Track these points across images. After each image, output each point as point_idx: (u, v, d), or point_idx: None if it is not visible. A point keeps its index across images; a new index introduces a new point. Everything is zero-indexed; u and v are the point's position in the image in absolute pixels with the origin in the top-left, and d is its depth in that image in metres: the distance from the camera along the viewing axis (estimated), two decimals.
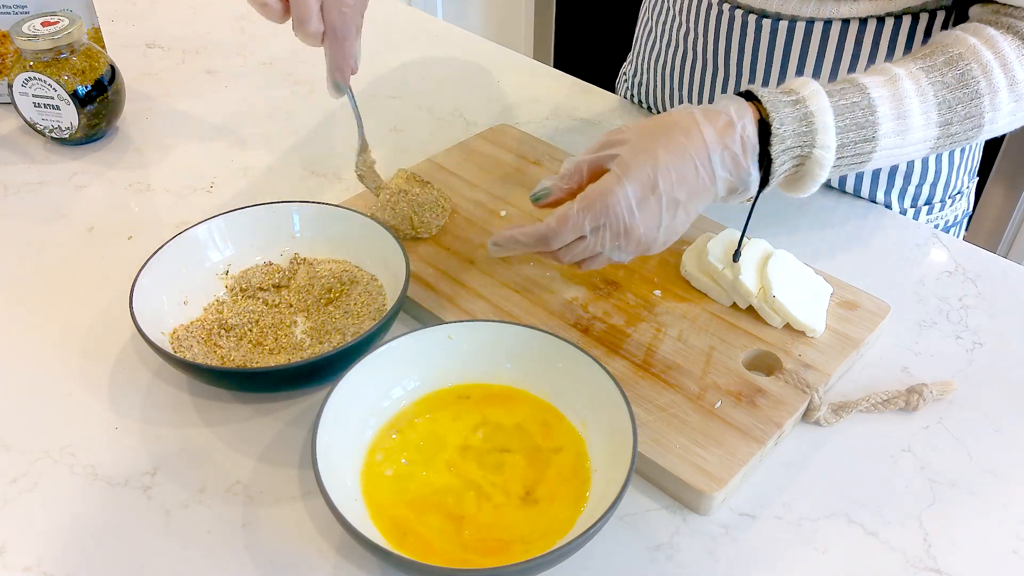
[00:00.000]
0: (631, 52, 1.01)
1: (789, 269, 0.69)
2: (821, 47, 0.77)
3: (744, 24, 0.79)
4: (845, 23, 0.75)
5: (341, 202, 0.78)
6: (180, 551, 0.54)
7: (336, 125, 0.96)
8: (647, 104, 0.98)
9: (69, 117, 0.87)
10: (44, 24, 0.85)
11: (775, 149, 0.58)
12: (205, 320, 0.66)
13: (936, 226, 0.89)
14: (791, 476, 0.59)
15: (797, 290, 0.67)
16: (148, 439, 0.60)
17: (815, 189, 0.62)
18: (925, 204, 0.87)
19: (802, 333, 0.66)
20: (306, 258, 0.72)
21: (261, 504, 0.56)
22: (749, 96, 0.60)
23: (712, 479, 0.55)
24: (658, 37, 0.92)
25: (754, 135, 0.58)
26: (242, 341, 0.65)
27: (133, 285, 0.63)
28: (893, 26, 0.75)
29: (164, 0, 1.23)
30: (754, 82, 0.83)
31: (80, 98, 0.86)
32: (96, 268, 0.75)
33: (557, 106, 1.00)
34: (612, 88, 1.05)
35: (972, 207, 0.94)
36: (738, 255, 0.67)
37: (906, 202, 0.86)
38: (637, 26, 0.98)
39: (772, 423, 0.59)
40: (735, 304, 0.68)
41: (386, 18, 1.20)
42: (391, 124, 0.96)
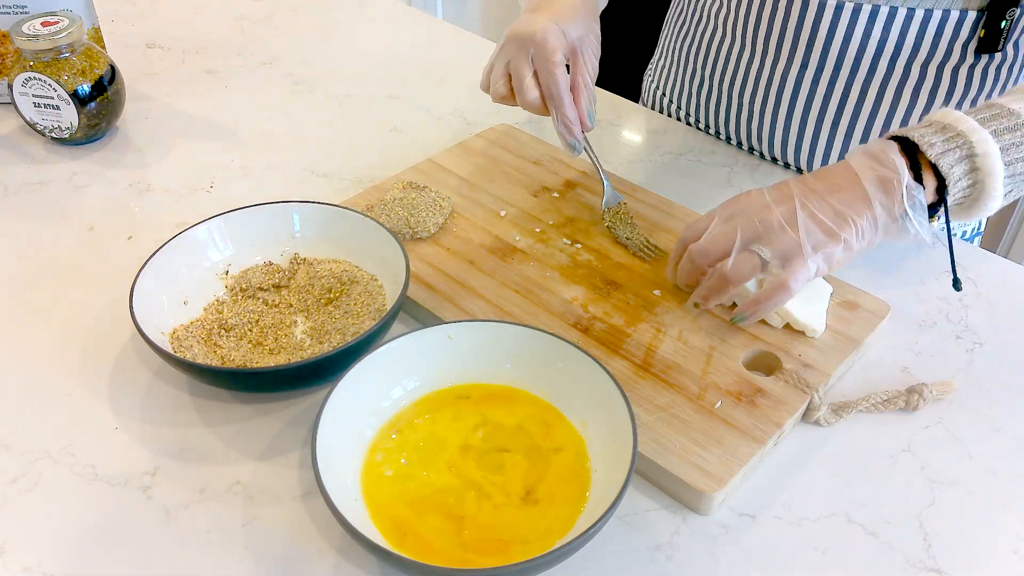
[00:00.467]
0: (659, 42, 1.01)
1: None
2: (849, 33, 0.78)
3: (789, 4, 0.80)
4: (889, 11, 0.76)
5: (341, 202, 0.78)
6: (180, 551, 0.54)
7: (336, 125, 0.96)
8: (669, 96, 0.98)
9: (69, 117, 0.87)
10: (44, 24, 0.85)
11: (932, 152, 0.60)
12: (205, 320, 0.66)
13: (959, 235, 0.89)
14: (791, 476, 0.59)
15: None
16: (148, 439, 0.60)
17: (994, 207, 0.62)
18: None
19: (802, 333, 0.66)
20: (306, 258, 0.72)
21: (261, 504, 0.56)
22: (905, 143, 0.61)
23: (712, 479, 0.55)
24: (689, 16, 0.93)
25: (920, 194, 0.60)
26: (242, 341, 0.65)
27: (133, 285, 0.63)
28: (923, 19, 0.75)
29: (164, 0, 1.23)
30: (778, 63, 0.83)
31: (80, 98, 0.86)
32: (96, 268, 0.75)
33: None
34: (612, 88, 1.05)
35: None
36: (958, 283, 0.66)
37: None
38: (668, 12, 0.99)
39: (772, 423, 0.59)
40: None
41: (386, 18, 1.20)
42: (391, 124, 0.96)
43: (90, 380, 0.65)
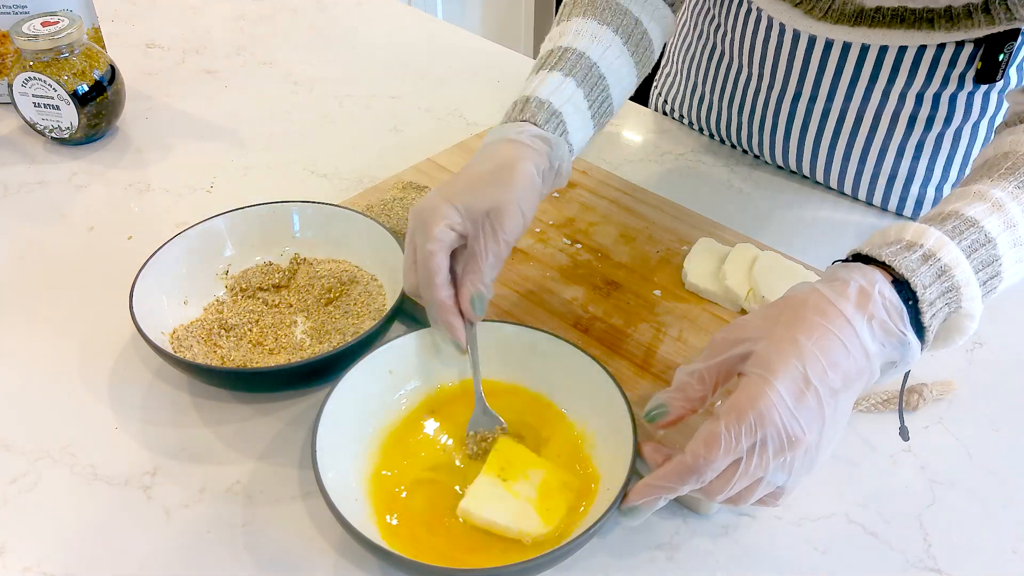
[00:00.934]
0: (663, 57, 1.01)
1: (778, 269, 0.69)
2: (841, 66, 0.77)
3: (770, 28, 0.79)
4: (881, 47, 0.74)
5: (341, 202, 0.78)
6: (180, 551, 0.54)
7: (336, 125, 0.96)
8: (671, 105, 0.98)
9: (69, 117, 0.87)
10: (44, 24, 0.85)
11: (926, 316, 0.50)
12: (205, 320, 0.66)
13: None
14: None
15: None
16: (148, 439, 0.60)
17: (961, 343, 0.54)
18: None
19: None
20: (306, 258, 0.72)
21: (261, 504, 0.56)
22: (865, 259, 0.52)
23: None
24: (691, 29, 0.92)
25: (896, 297, 0.50)
26: (242, 341, 0.65)
27: (133, 285, 0.63)
28: (917, 53, 0.74)
29: (164, 0, 1.23)
30: (773, 88, 0.82)
31: (80, 98, 0.86)
32: (96, 268, 0.75)
33: None
34: None
35: None
36: (905, 432, 0.59)
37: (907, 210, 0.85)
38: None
39: None
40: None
41: (386, 18, 1.20)
42: (391, 124, 0.96)
43: (90, 380, 0.65)
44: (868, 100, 0.78)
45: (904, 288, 0.50)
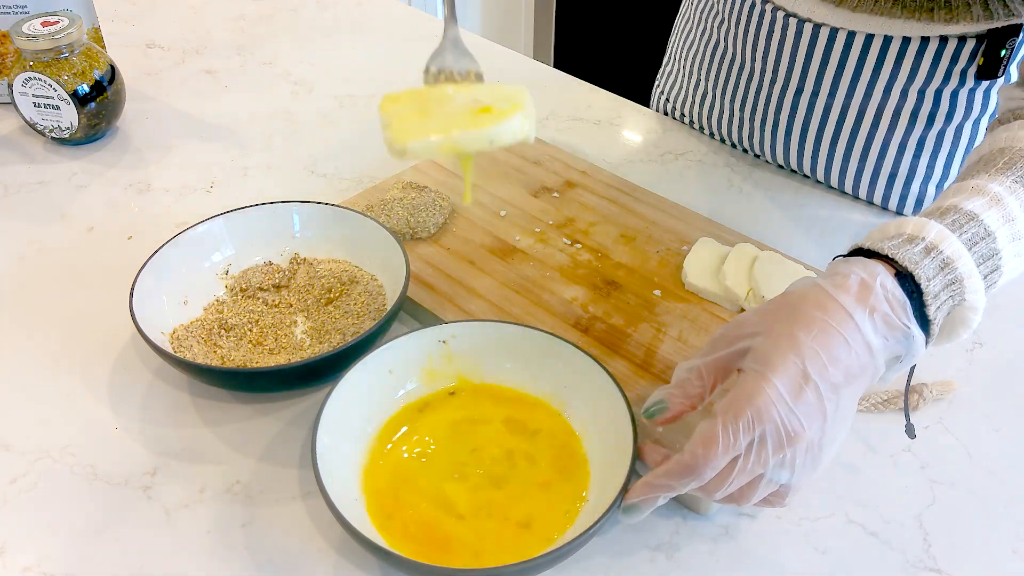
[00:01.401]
0: (666, 54, 1.01)
1: (778, 269, 0.69)
2: (844, 59, 0.77)
3: (773, 21, 0.79)
4: (884, 39, 0.74)
5: (341, 202, 0.78)
6: (180, 551, 0.54)
7: (336, 125, 0.96)
8: (673, 103, 0.98)
9: (69, 117, 0.87)
10: (44, 24, 0.85)
11: (931, 309, 0.50)
12: (205, 320, 0.66)
13: None
14: None
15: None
16: (148, 439, 0.60)
17: (965, 337, 0.54)
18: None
19: None
20: (306, 258, 0.72)
21: (261, 504, 0.56)
22: (868, 253, 0.52)
23: None
24: (694, 26, 0.92)
25: (899, 290, 0.49)
26: (242, 341, 0.65)
27: (133, 285, 0.63)
28: (919, 47, 0.74)
29: (164, 0, 1.23)
30: (775, 84, 0.82)
31: (80, 98, 0.86)
32: (96, 268, 0.75)
33: (557, 106, 1.00)
34: (612, 88, 1.05)
35: None
36: (911, 429, 0.59)
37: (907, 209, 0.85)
38: (676, 16, 0.99)
39: None
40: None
41: (386, 18, 1.20)
42: None
43: (90, 380, 0.65)
44: (870, 96, 0.78)
45: (907, 281, 0.50)
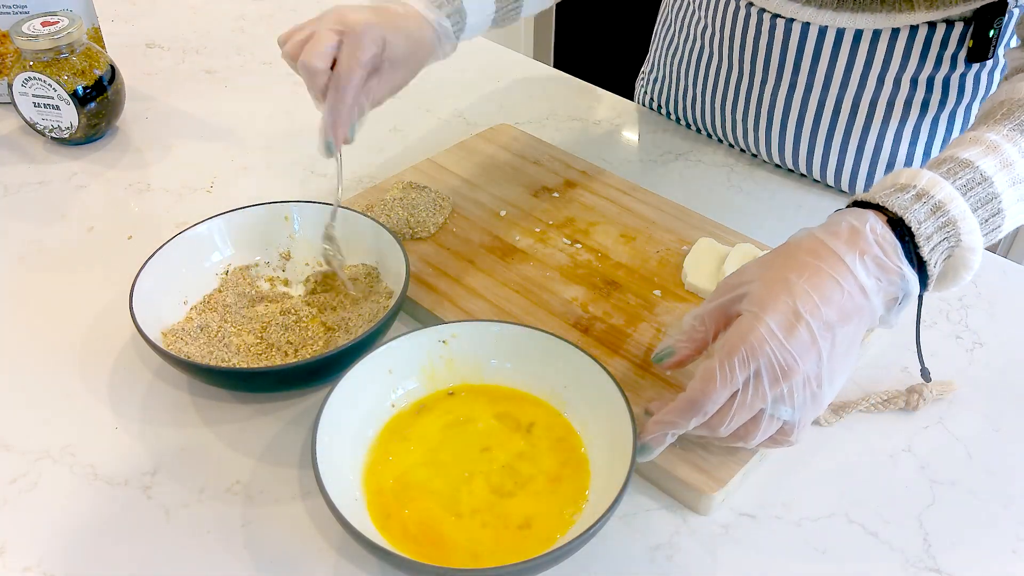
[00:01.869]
0: (649, 52, 1.00)
1: None
2: (835, 54, 0.77)
3: (760, 23, 0.79)
4: (872, 32, 0.74)
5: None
6: (180, 551, 0.54)
7: None
8: (664, 108, 0.98)
9: (69, 117, 0.87)
10: (44, 24, 0.85)
11: (924, 250, 0.52)
12: (205, 320, 0.66)
13: None
14: (791, 476, 0.59)
15: None
16: (148, 439, 0.60)
17: (969, 279, 0.55)
18: None
19: None
20: (306, 258, 0.72)
21: (261, 504, 0.56)
22: (863, 204, 0.54)
23: (712, 479, 0.55)
24: (676, 32, 0.92)
25: (889, 233, 0.52)
26: (242, 341, 0.65)
27: (133, 285, 0.63)
28: (908, 36, 0.74)
29: (164, 0, 1.23)
30: (766, 84, 0.82)
31: (80, 98, 0.86)
32: (96, 268, 0.75)
33: (557, 106, 1.00)
34: (612, 88, 1.05)
35: None
36: (926, 373, 0.62)
37: None
38: (656, 23, 0.98)
39: None
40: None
41: None
42: (391, 124, 0.96)
43: (90, 380, 0.65)
44: (863, 87, 0.78)
45: (899, 226, 0.52)
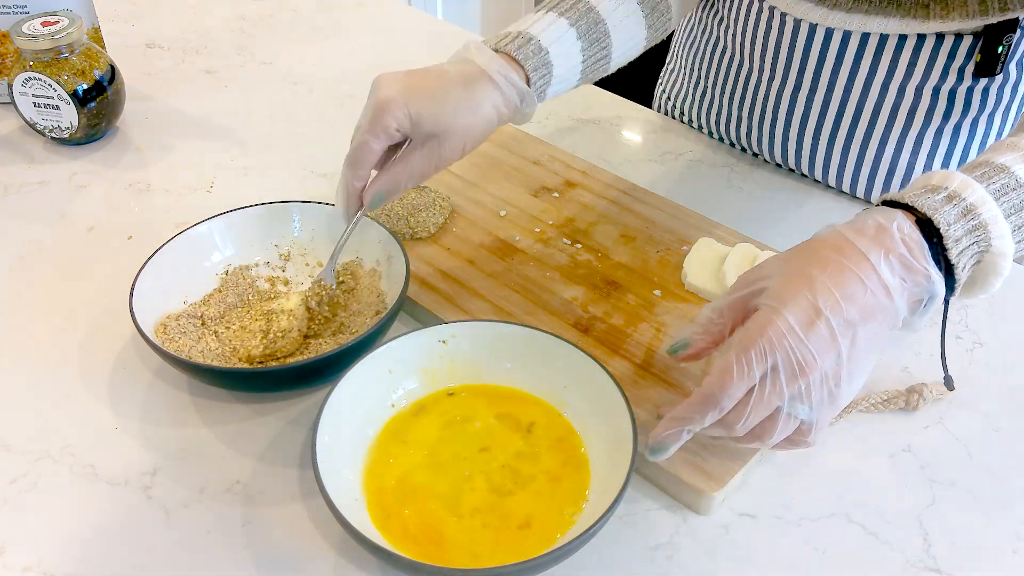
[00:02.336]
0: (668, 54, 1.01)
1: None
2: (840, 58, 0.77)
3: (782, 25, 0.79)
4: (880, 37, 0.74)
5: None
6: (180, 551, 0.54)
7: (336, 125, 0.96)
8: (681, 112, 0.98)
9: (69, 117, 0.87)
10: (44, 24, 0.85)
11: (952, 253, 0.51)
12: (205, 320, 0.66)
13: None
14: (791, 476, 0.59)
15: None
16: (148, 439, 0.60)
17: (999, 285, 0.55)
18: None
19: None
20: (306, 258, 0.72)
21: (261, 504, 0.56)
22: (893, 204, 0.53)
23: (712, 479, 0.55)
24: (696, 25, 0.92)
25: (917, 233, 0.51)
26: (242, 341, 0.65)
27: (133, 285, 0.63)
28: (915, 44, 0.74)
29: (164, 0, 1.23)
30: (773, 81, 0.82)
31: (80, 98, 0.86)
32: (96, 268, 0.75)
33: (557, 106, 1.00)
34: (616, 88, 1.05)
35: None
36: (950, 381, 0.62)
37: None
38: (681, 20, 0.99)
39: None
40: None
41: (386, 18, 1.20)
42: None
43: (90, 380, 0.65)
44: (868, 93, 0.78)
45: (928, 227, 0.51)
